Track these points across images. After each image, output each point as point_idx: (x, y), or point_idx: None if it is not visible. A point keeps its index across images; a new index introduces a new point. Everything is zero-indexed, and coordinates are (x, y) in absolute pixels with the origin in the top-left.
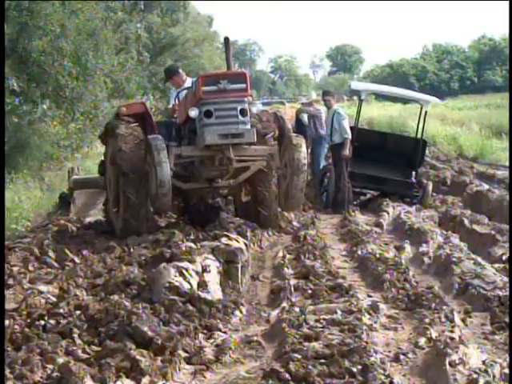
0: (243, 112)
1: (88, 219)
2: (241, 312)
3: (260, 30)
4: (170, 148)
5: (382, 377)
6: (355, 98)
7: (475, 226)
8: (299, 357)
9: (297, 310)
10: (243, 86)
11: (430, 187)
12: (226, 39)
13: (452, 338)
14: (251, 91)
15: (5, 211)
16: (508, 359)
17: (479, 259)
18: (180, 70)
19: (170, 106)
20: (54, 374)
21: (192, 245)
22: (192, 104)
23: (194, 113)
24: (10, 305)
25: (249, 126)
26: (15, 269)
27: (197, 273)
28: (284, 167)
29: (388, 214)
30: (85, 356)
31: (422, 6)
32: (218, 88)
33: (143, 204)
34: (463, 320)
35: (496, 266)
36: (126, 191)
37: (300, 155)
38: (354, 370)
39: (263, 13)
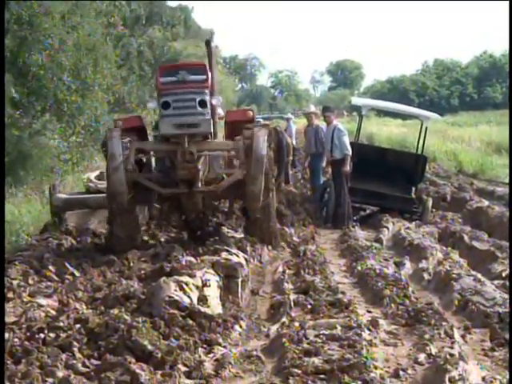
0: (202, 103)
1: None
2: (240, 327)
3: (261, 45)
4: (132, 142)
5: None
6: (355, 113)
7: (475, 243)
8: (299, 372)
9: (296, 325)
10: (203, 77)
11: (430, 203)
12: (208, 42)
13: (452, 355)
14: (212, 82)
15: (5, 224)
16: (508, 376)
17: (479, 276)
18: None
19: None
20: None
21: (192, 259)
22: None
23: (151, 105)
24: (9, 318)
25: (207, 117)
26: (15, 282)
27: (197, 287)
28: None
29: (388, 229)
30: (85, 370)
31: (423, 22)
32: (176, 79)
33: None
34: (463, 336)
35: (496, 282)
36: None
37: (258, 147)
38: None
39: (264, 28)
